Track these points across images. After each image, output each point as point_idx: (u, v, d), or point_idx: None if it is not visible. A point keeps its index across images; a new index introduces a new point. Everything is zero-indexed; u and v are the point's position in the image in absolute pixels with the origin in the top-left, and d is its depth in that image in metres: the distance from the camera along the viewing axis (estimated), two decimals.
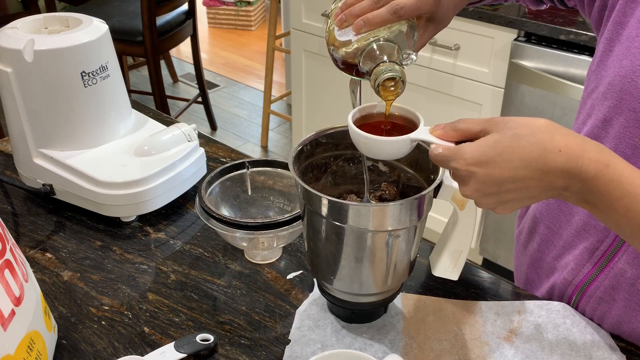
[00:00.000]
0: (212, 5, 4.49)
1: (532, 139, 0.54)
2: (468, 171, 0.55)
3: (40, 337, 0.64)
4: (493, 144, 0.54)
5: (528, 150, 0.54)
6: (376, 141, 0.60)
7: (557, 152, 0.54)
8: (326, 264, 0.69)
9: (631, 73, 0.65)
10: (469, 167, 0.55)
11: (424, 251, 0.86)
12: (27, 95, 0.87)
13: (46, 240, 0.89)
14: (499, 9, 1.68)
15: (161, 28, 2.50)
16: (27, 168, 0.94)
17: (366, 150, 0.62)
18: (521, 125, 0.55)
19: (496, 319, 0.75)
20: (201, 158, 0.98)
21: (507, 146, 0.54)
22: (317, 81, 2.31)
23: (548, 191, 0.56)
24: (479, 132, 0.56)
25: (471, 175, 0.56)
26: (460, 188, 0.58)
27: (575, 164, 0.54)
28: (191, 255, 0.86)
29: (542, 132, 0.54)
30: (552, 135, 0.54)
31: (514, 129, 0.55)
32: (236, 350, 0.71)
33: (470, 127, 0.57)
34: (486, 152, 0.54)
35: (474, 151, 0.55)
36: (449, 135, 0.58)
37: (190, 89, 3.57)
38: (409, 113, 0.64)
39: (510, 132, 0.54)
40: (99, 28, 0.91)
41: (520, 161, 0.54)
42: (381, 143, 0.60)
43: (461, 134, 0.57)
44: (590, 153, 0.54)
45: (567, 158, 0.54)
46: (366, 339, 0.72)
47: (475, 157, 0.55)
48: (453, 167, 0.57)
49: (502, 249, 1.97)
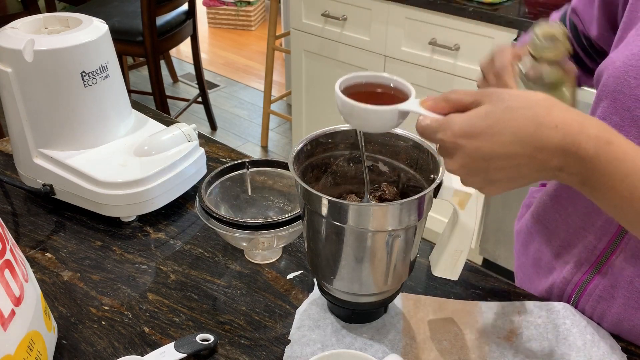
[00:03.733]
0: (212, 5, 4.49)
1: (527, 112, 0.50)
2: (455, 143, 0.52)
3: (40, 337, 0.64)
4: (484, 116, 0.51)
5: (521, 124, 0.49)
6: (363, 110, 0.56)
7: (553, 127, 0.49)
8: (326, 264, 0.69)
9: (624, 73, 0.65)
10: (456, 139, 0.51)
11: (424, 251, 0.86)
12: (27, 95, 0.87)
13: (46, 240, 0.89)
14: (499, 9, 1.68)
15: (161, 28, 2.50)
16: (27, 168, 0.94)
17: (352, 121, 0.59)
18: (516, 97, 0.51)
19: (496, 319, 0.75)
20: (201, 158, 0.98)
21: (499, 119, 0.50)
22: (317, 81, 2.31)
23: (541, 171, 0.52)
24: (470, 103, 0.52)
25: (458, 148, 0.52)
26: (446, 162, 0.54)
27: (572, 141, 0.49)
28: (191, 255, 0.86)
29: (539, 106, 0.50)
30: (549, 109, 0.50)
31: (508, 101, 0.51)
32: (236, 350, 0.71)
33: (461, 98, 0.53)
34: (476, 124, 0.51)
35: (463, 122, 0.51)
36: (439, 107, 0.54)
37: (190, 89, 3.57)
38: (401, 85, 0.61)
39: (503, 104, 0.50)
40: (99, 28, 0.91)
41: (512, 135, 0.50)
42: (368, 112, 0.57)
43: (452, 106, 0.54)
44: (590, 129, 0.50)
45: (564, 134, 0.49)
46: (366, 339, 0.72)
47: (463, 129, 0.51)
48: (439, 139, 0.53)
49: (502, 249, 1.97)
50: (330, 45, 2.17)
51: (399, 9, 1.88)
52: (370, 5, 1.96)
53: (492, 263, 2.03)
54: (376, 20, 1.97)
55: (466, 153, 0.51)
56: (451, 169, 0.54)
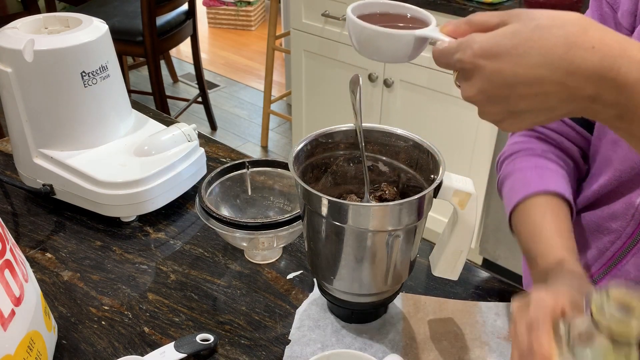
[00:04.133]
0: (212, 5, 4.49)
1: (559, 31, 0.43)
2: (473, 64, 0.46)
3: (40, 337, 0.64)
4: (510, 35, 0.44)
5: (552, 44, 0.43)
6: (375, 34, 0.51)
7: (589, 48, 0.42)
8: (326, 264, 0.69)
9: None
10: (476, 59, 0.45)
11: (424, 251, 0.86)
12: (27, 95, 0.87)
13: (46, 240, 0.89)
14: (499, 9, 1.68)
15: (161, 28, 2.50)
16: (27, 168, 0.94)
17: (364, 48, 0.53)
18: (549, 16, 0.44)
19: (496, 319, 0.75)
20: (201, 158, 0.98)
21: (527, 38, 0.43)
22: (317, 81, 2.31)
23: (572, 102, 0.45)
24: (496, 24, 0.46)
25: (477, 70, 0.46)
26: (463, 87, 0.48)
27: (611, 65, 0.42)
28: (191, 255, 0.86)
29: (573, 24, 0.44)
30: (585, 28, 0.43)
31: (538, 19, 0.44)
32: (236, 350, 0.71)
33: (487, 20, 0.47)
34: (500, 43, 0.44)
35: (485, 41, 0.45)
36: (460, 31, 0.48)
37: (190, 89, 3.57)
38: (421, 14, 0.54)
39: (533, 22, 0.44)
40: (99, 28, 0.91)
41: (540, 56, 0.43)
42: (380, 36, 0.51)
43: (476, 28, 0.48)
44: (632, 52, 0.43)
45: (601, 57, 0.42)
46: (366, 339, 0.72)
47: (484, 48, 0.45)
48: (457, 60, 0.47)
49: (502, 249, 1.97)
50: (330, 45, 2.17)
51: None
52: None
53: (492, 263, 2.03)
54: None
55: (486, 75, 0.45)
56: (468, 96, 0.48)
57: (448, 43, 0.48)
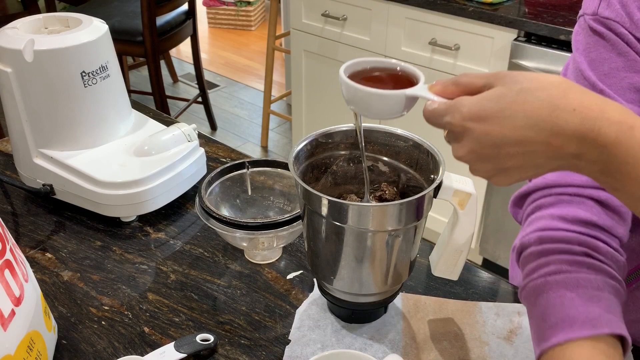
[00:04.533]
0: (212, 5, 4.49)
1: (542, 94, 0.46)
2: (463, 127, 0.48)
3: (40, 337, 0.64)
4: (496, 98, 0.47)
5: (536, 107, 0.46)
6: (367, 94, 0.54)
7: (570, 110, 0.46)
8: (326, 264, 0.69)
9: None
10: (465, 122, 0.48)
11: (424, 251, 0.86)
12: (27, 95, 0.87)
13: (46, 240, 0.89)
14: (499, 9, 1.68)
15: (161, 28, 2.50)
16: (27, 168, 0.94)
17: (357, 107, 0.56)
18: (531, 79, 0.47)
19: (496, 319, 0.75)
20: (201, 158, 0.98)
21: (512, 101, 0.47)
22: (317, 81, 2.31)
23: (557, 159, 0.48)
24: (482, 86, 0.49)
25: (466, 132, 0.48)
26: (453, 148, 0.51)
27: (591, 126, 0.45)
28: (191, 255, 0.86)
29: (555, 87, 0.47)
30: (566, 92, 0.46)
31: (522, 83, 0.47)
32: (236, 350, 0.71)
33: (473, 81, 0.50)
34: (486, 107, 0.47)
35: (473, 105, 0.48)
36: (448, 91, 0.51)
37: (190, 89, 3.57)
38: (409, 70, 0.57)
39: (517, 86, 0.47)
40: (99, 28, 0.91)
41: (526, 119, 0.46)
42: (373, 96, 0.54)
43: (462, 90, 0.50)
44: (610, 112, 0.46)
45: (582, 119, 0.45)
46: (366, 339, 0.72)
47: (472, 111, 0.48)
48: (447, 122, 0.50)
49: (502, 249, 1.97)
50: (330, 45, 2.17)
51: (399, 9, 1.88)
52: (370, 5, 1.96)
53: (492, 263, 2.03)
54: (376, 20, 1.97)
55: (475, 137, 0.48)
56: (459, 156, 0.51)
57: (437, 103, 0.51)
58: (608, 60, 0.65)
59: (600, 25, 0.66)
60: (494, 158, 0.49)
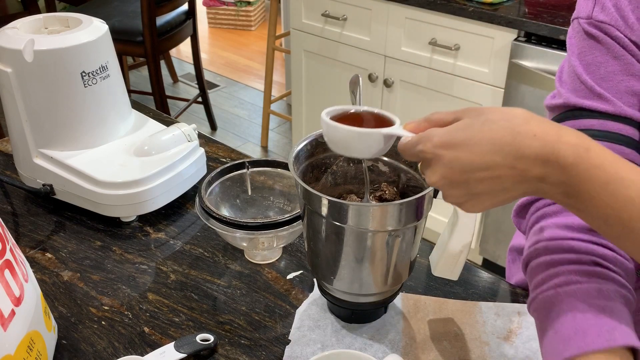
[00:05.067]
0: (212, 5, 4.49)
1: (505, 123, 0.51)
2: (434, 154, 0.53)
3: (40, 337, 0.64)
4: (463, 127, 0.52)
5: (500, 135, 0.50)
6: (347, 133, 0.58)
7: (531, 136, 0.50)
8: (326, 264, 0.69)
9: None
10: (436, 149, 0.52)
11: (424, 251, 0.86)
12: (27, 95, 0.87)
13: (46, 240, 0.89)
14: (499, 9, 1.68)
15: (161, 28, 2.50)
16: (27, 168, 0.94)
17: (337, 145, 0.60)
18: (495, 111, 0.52)
19: (496, 319, 0.75)
20: (201, 158, 0.99)
21: (478, 130, 0.51)
22: (317, 81, 2.31)
23: (523, 183, 0.51)
24: (451, 120, 0.54)
25: (437, 159, 0.53)
26: (426, 175, 0.55)
27: (552, 149, 0.50)
28: (191, 255, 0.86)
29: (517, 117, 0.51)
30: (526, 120, 0.51)
31: (487, 114, 0.52)
32: (236, 350, 0.71)
33: (443, 117, 0.55)
34: (455, 135, 0.52)
35: (443, 134, 0.52)
36: (421, 127, 0.56)
37: (190, 89, 3.57)
38: (387, 115, 0.62)
39: (483, 117, 0.52)
40: (99, 28, 0.91)
41: (491, 145, 0.50)
42: (352, 135, 0.58)
43: (433, 125, 0.55)
44: (567, 137, 0.50)
45: (542, 143, 0.50)
46: (366, 339, 0.72)
47: (443, 139, 0.52)
48: (419, 151, 0.54)
49: (502, 249, 1.97)
50: (330, 45, 2.17)
51: (399, 9, 1.88)
52: (370, 5, 1.96)
53: (492, 263, 2.03)
54: (376, 20, 1.97)
55: (445, 163, 0.52)
56: (432, 182, 0.55)
57: (411, 137, 0.55)
58: (604, 64, 0.66)
59: (595, 29, 0.66)
60: (464, 183, 0.52)
